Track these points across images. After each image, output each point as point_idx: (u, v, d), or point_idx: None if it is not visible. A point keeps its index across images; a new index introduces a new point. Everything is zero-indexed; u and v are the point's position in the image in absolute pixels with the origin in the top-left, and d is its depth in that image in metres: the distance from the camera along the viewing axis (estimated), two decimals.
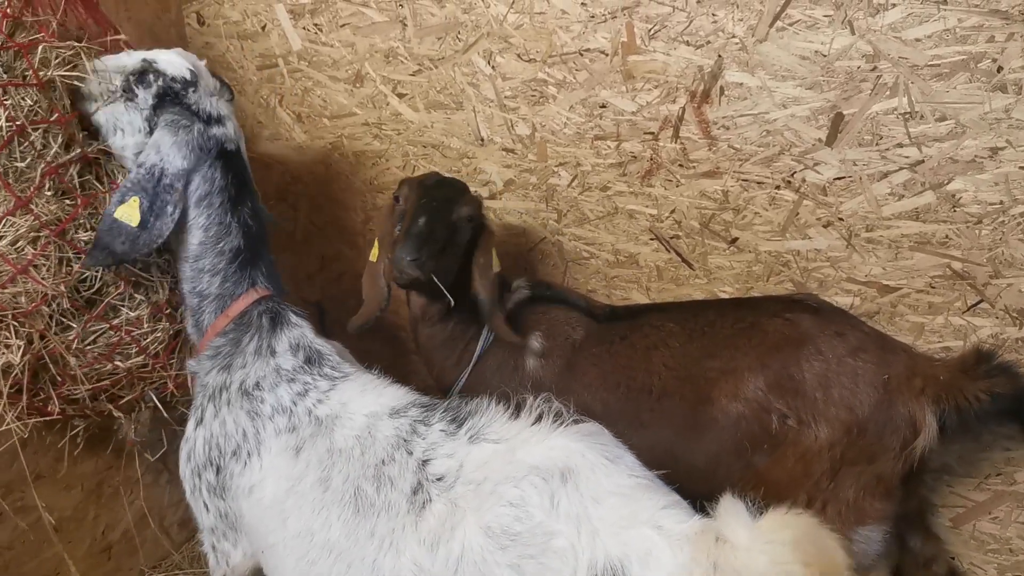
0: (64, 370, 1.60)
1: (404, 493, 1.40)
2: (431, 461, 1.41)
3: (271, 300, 1.71)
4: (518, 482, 1.28)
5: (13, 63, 1.46)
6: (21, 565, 2.16)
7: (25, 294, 1.50)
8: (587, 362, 1.88)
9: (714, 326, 1.80)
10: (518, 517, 1.25)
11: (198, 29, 2.42)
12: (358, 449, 1.49)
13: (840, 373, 1.64)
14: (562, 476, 1.26)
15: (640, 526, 1.17)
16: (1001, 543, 1.93)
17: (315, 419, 1.56)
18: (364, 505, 1.43)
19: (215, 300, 1.67)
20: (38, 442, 2.03)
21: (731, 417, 1.70)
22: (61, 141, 1.53)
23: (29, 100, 1.47)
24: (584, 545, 1.18)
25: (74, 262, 1.56)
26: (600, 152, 2.02)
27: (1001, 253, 1.70)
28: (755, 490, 1.71)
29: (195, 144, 1.63)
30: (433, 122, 2.21)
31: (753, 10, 1.71)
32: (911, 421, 1.61)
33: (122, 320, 1.65)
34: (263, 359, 1.64)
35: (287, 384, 1.61)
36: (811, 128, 1.77)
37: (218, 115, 1.70)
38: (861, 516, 1.65)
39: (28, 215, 1.48)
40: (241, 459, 1.58)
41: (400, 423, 1.50)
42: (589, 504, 1.21)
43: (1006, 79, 1.57)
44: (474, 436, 1.41)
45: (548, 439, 1.32)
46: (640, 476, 1.26)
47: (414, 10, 2.08)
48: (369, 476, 1.45)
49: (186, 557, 2.68)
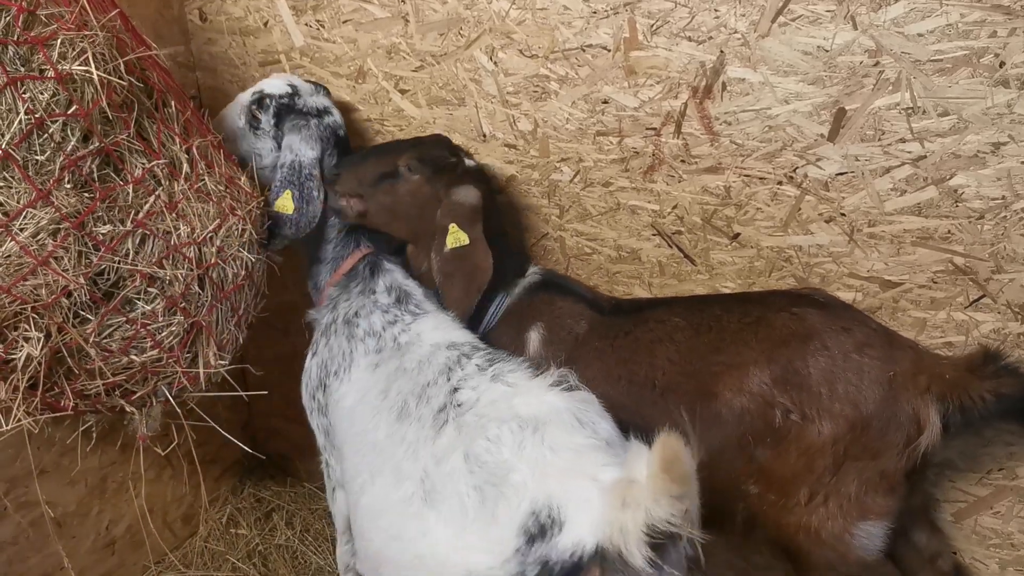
0: (80, 364, 1.59)
1: (433, 411, 1.64)
2: (460, 390, 1.65)
3: (373, 255, 2.06)
4: (500, 424, 1.50)
5: (31, 57, 1.46)
6: (24, 560, 2.17)
7: (45, 286, 1.49)
8: (589, 355, 1.88)
9: (720, 321, 1.80)
10: (489, 450, 1.47)
11: (200, 25, 2.43)
12: (416, 370, 1.75)
13: (845, 369, 1.64)
14: (535, 426, 1.46)
15: (581, 477, 1.35)
16: (1003, 538, 1.94)
17: (396, 344, 1.86)
18: (405, 415, 1.68)
19: (329, 263, 2.08)
20: (42, 437, 2.04)
21: (735, 411, 1.70)
22: (79, 134, 1.52)
23: (47, 93, 1.46)
24: (533, 484, 1.38)
25: (92, 255, 1.55)
26: (602, 148, 2.02)
27: (1003, 248, 1.70)
28: (757, 484, 1.73)
29: (316, 136, 2.00)
30: (435, 118, 2.21)
31: (755, 5, 1.71)
32: (915, 418, 1.61)
33: (137, 314, 1.64)
34: (364, 296, 1.98)
35: (381, 313, 1.93)
36: (813, 123, 1.77)
37: (324, 107, 2.07)
38: (863, 511, 1.65)
39: (48, 207, 1.48)
40: (339, 376, 1.89)
41: (451, 354, 1.75)
42: (547, 452, 1.41)
43: (1008, 74, 1.57)
44: (496, 376, 1.64)
45: (543, 395, 1.53)
46: (597, 440, 1.44)
47: (416, 6, 2.08)
48: (416, 393, 1.70)
49: (190, 552, 2.69)
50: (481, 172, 2.06)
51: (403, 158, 1.96)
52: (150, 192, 1.64)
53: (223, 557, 2.65)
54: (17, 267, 1.47)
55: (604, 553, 1.25)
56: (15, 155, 1.44)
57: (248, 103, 2.03)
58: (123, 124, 1.61)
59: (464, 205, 1.94)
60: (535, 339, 1.94)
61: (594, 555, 1.26)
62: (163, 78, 1.76)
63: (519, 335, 1.95)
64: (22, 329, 1.49)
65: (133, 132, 1.62)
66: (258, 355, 2.59)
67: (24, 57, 1.45)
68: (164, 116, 1.71)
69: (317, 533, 2.76)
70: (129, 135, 1.61)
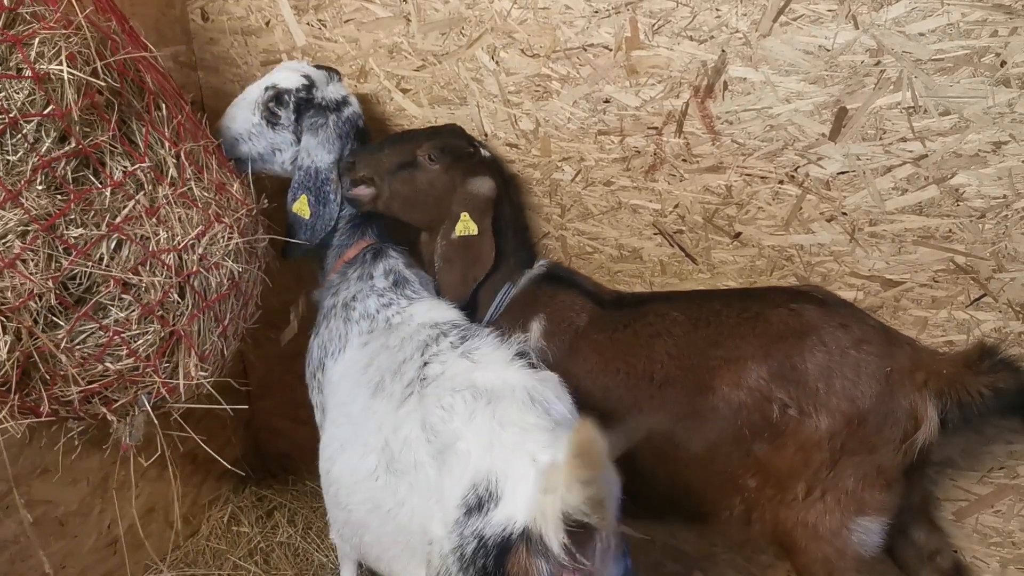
0: (54, 369, 1.55)
1: (401, 385, 1.67)
2: (429, 364, 1.67)
3: (378, 244, 2.08)
4: (455, 394, 1.52)
5: (8, 55, 1.44)
6: (27, 559, 2.18)
7: (12, 289, 1.45)
8: (589, 348, 1.89)
9: (719, 315, 1.80)
10: (443, 419, 1.50)
11: (202, 25, 2.43)
12: (398, 348, 1.78)
13: (843, 364, 1.65)
14: (488, 399, 1.48)
15: (523, 454, 1.35)
16: (1004, 536, 1.94)
17: (388, 324, 1.89)
18: (379, 390, 1.72)
19: (334, 250, 2.09)
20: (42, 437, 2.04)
21: (732, 405, 1.71)
22: (55, 135, 1.49)
23: (23, 93, 1.44)
24: (477, 454, 1.39)
25: (63, 258, 1.51)
26: (604, 147, 2.03)
27: (1004, 247, 1.71)
28: (754, 478, 1.74)
29: (334, 136, 2.00)
30: (437, 117, 2.21)
31: (757, 5, 1.71)
32: (912, 414, 1.62)
33: (110, 321, 1.59)
34: (362, 281, 2.00)
35: (376, 297, 1.95)
36: (814, 123, 1.77)
37: (341, 98, 2.05)
38: (860, 506, 1.66)
39: (17, 208, 1.45)
40: (334, 356, 1.93)
41: (431, 332, 1.77)
42: (496, 426, 1.42)
43: (1009, 73, 1.57)
44: (465, 353, 1.65)
45: (503, 370, 1.55)
46: (546, 420, 1.43)
47: (418, 5, 2.08)
48: (393, 369, 1.73)
49: (192, 551, 2.69)
50: (496, 163, 2.09)
51: (423, 147, 1.97)
52: (130, 196, 1.60)
53: (225, 556, 2.65)
54: None
55: (529, 534, 1.25)
56: None
57: (262, 99, 2.00)
58: (105, 125, 1.57)
59: (479, 196, 1.97)
60: (536, 330, 1.95)
61: (522, 534, 1.26)
62: (158, 80, 1.73)
63: (522, 326, 1.96)
64: None
65: (118, 134, 1.59)
66: (259, 354, 2.59)
67: (2, 56, 1.43)
68: (154, 119, 1.68)
69: (319, 530, 2.76)
70: (112, 137, 1.58)
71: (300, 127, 2.00)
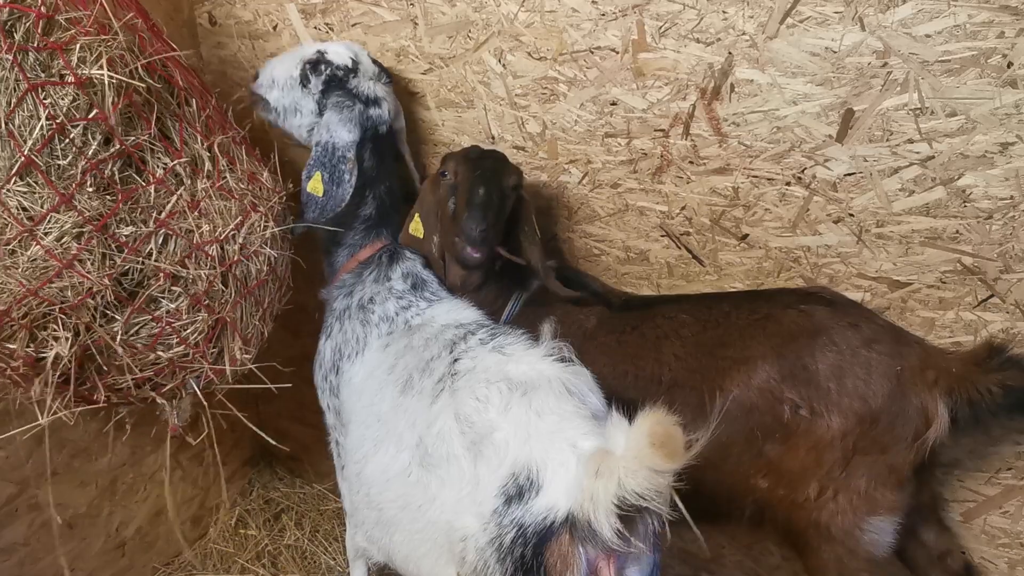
0: (110, 360, 1.62)
1: (433, 381, 1.67)
2: (460, 360, 1.66)
3: (392, 246, 2.07)
4: (489, 385, 1.52)
5: (51, 62, 1.47)
6: (36, 561, 2.18)
7: (71, 288, 1.52)
8: (597, 350, 1.89)
9: (728, 317, 1.81)
10: (478, 410, 1.50)
11: (210, 29, 2.44)
12: (423, 347, 1.78)
13: (854, 364, 1.65)
14: (523, 390, 1.48)
15: (562, 442, 1.36)
16: (1012, 537, 1.94)
17: (408, 327, 1.90)
18: (408, 388, 1.72)
19: (347, 248, 2.06)
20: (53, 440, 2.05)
21: (743, 406, 1.71)
22: (100, 137, 1.54)
23: (68, 98, 1.48)
24: (515, 444, 1.40)
25: (116, 256, 1.58)
26: (611, 149, 2.03)
27: (1011, 248, 1.71)
28: (766, 479, 1.74)
29: (357, 120, 1.97)
30: (444, 120, 2.22)
31: (763, 7, 1.72)
32: (923, 412, 1.62)
33: (162, 312, 1.66)
34: (379, 283, 2.00)
35: (395, 300, 1.96)
36: (821, 124, 1.78)
37: (375, 97, 2.02)
38: (873, 506, 1.66)
39: (71, 211, 1.50)
40: (352, 359, 1.93)
41: (458, 332, 1.77)
42: (533, 416, 1.42)
43: (1016, 74, 1.57)
44: (496, 348, 1.65)
45: (536, 363, 1.55)
46: (583, 410, 1.43)
47: (425, 9, 2.09)
48: (420, 367, 1.73)
49: (199, 554, 2.70)
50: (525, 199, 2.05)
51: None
52: (172, 192, 1.65)
53: (232, 558, 2.66)
54: (43, 270, 1.50)
55: (575, 520, 1.25)
56: (38, 161, 1.46)
57: (308, 58, 2.01)
58: (144, 124, 1.62)
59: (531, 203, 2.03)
60: (547, 333, 1.96)
61: (565, 520, 1.27)
62: (185, 76, 1.78)
63: (533, 329, 1.97)
64: (51, 329, 1.53)
65: (155, 132, 1.64)
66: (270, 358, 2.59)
67: (44, 63, 1.47)
68: (186, 114, 1.73)
69: (327, 533, 2.76)
70: (151, 135, 1.63)
71: (325, 101, 2.00)
